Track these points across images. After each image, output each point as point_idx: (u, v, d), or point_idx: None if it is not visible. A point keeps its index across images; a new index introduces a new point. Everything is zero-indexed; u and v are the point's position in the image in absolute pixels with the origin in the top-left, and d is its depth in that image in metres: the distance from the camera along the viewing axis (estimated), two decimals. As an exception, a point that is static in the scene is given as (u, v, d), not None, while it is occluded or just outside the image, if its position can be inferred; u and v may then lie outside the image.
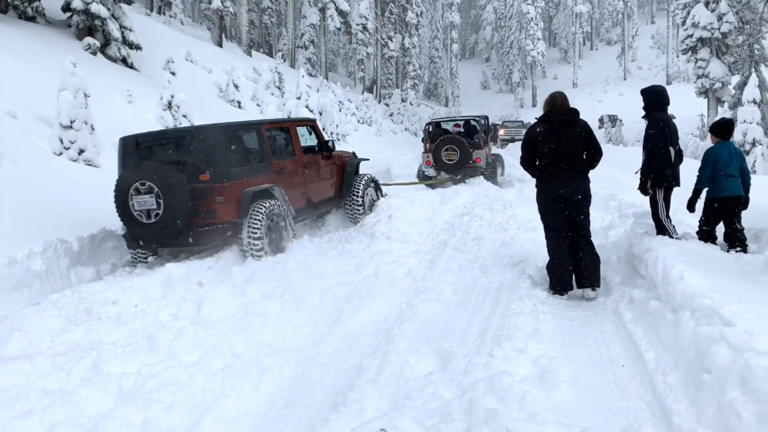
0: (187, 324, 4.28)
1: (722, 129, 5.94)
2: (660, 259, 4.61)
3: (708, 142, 7.59)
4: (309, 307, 4.92)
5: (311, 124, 8.74)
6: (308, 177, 8.09)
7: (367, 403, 3.12)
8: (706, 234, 5.85)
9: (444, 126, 15.11)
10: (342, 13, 39.60)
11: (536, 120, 5.43)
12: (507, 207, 9.40)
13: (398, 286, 5.50)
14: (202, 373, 3.55)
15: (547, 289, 5.24)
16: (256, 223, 6.57)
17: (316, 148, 8.63)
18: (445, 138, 13.33)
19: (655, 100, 5.52)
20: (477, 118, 14.80)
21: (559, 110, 5.14)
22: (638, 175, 5.62)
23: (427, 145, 14.05)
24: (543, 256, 6.42)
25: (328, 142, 8.72)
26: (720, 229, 5.99)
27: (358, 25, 40.55)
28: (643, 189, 5.58)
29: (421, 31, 58.06)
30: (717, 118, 12.30)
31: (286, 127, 8.00)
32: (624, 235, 6.35)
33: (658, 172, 5.39)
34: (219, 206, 6.41)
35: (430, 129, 14.51)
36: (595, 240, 6.72)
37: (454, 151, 12.95)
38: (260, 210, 6.67)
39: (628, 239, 5.93)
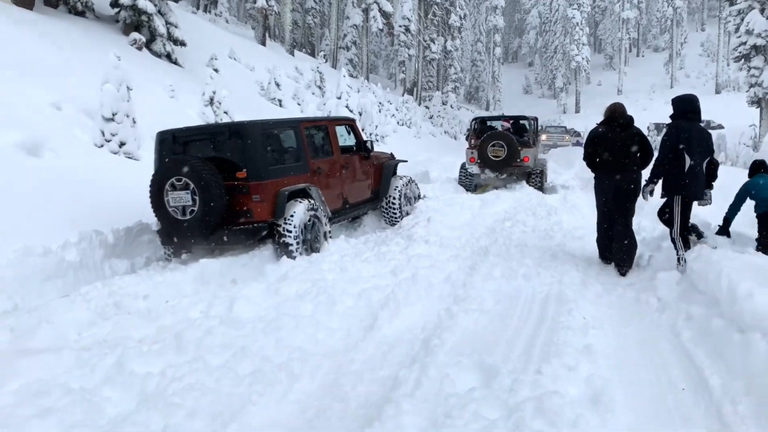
0: (217, 323, 4.10)
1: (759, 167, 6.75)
2: (724, 274, 4.23)
3: (759, 154, 7.58)
4: (343, 309, 4.70)
5: (350, 124, 8.54)
6: (345, 177, 7.88)
7: (403, 420, 2.87)
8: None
9: (490, 123, 14.38)
10: (385, 15, 39.52)
11: (598, 124, 6.31)
12: (551, 213, 9.04)
13: (436, 291, 5.24)
14: (229, 378, 3.34)
15: (598, 258, 6.39)
16: (292, 223, 6.39)
17: (354, 149, 8.42)
18: (492, 133, 12.61)
19: (679, 108, 5.56)
20: (527, 117, 14.08)
21: (619, 116, 6.07)
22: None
23: (472, 141, 13.32)
24: (592, 267, 6.12)
25: (366, 142, 8.50)
26: None
27: (400, 26, 40.37)
28: (643, 191, 5.79)
29: (463, 34, 57.60)
30: None
31: (325, 126, 7.81)
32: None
33: (666, 180, 5.52)
34: (255, 205, 6.24)
35: (476, 125, 13.85)
36: (647, 251, 6.42)
37: (502, 147, 12.17)
38: (296, 210, 6.49)
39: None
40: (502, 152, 12.16)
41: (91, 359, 3.63)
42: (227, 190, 6.16)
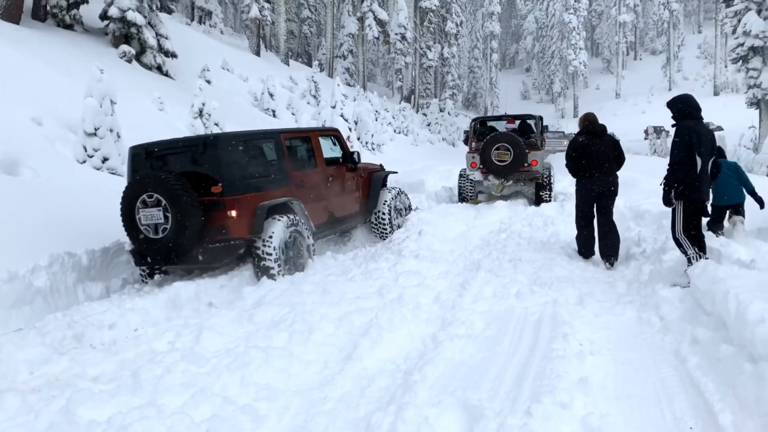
0: (178, 358, 3.75)
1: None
2: (731, 294, 3.88)
3: (760, 157, 7.88)
4: (321, 338, 4.35)
5: (335, 135, 8.20)
6: (331, 190, 7.54)
7: (372, 476, 2.54)
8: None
9: (491, 124, 12.95)
10: (381, 23, 39.32)
11: (576, 134, 6.97)
12: (548, 224, 8.69)
13: (423, 314, 4.89)
14: (184, 425, 2.99)
15: (576, 253, 6.84)
16: (271, 245, 6.05)
17: (341, 160, 8.09)
18: (496, 135, 11.23)
19: (683, 107, 5.37)
20: (533, 116, 12.52)
21: (594, 125, 6.75)
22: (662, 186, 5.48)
23: (473, 144, 11.86)
24: (589, 283, 5.78)
25: (353, 153, 8.16)
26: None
27: (396, 34, 40.16)
28: (665, 200, 5.42)
29: (460, 40, 57.46)
30: None
31: (308, 137, 7.49)
32: (681, 261, 5.61)
33: (680, 182, 5.25)
34: (231, 221, 5.89)
35: (476, 127, 12.44)
36: (648, 264, 6.09)
37: (507, 150, 10.76)
38: (276, 226, 6.16)
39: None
40: (508, 156, 10.78)
41: (37, 403, 3.29)
42: (203, 205, 5.83)
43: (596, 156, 6.62)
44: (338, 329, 4.55)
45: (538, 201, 11.11)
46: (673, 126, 5.49)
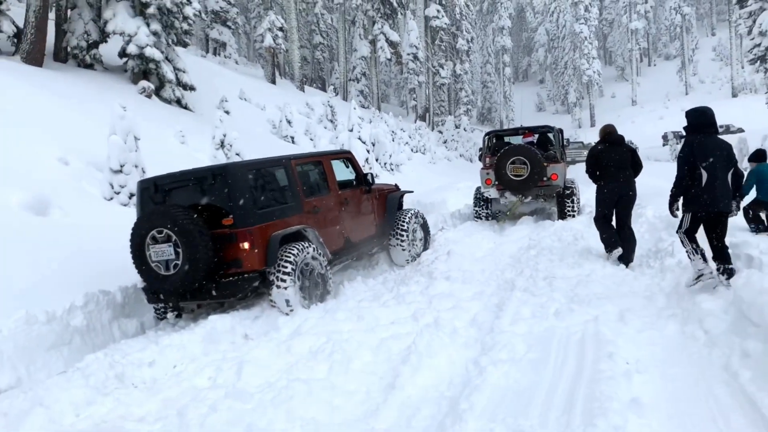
0: (223, 395, 3.74)
1: (761, 156, 8.27)
2: (781, 305, 3.80)
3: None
4: (360, 366, 4.32)
5: (347, 157, 8.06)
6: (345, 215, 7.38)
7: None
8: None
9: (507, 139, 12.35)
10: (392, 44, 39.65)
11: (596, 143, 7.66)
12: (578, 238, 8.57)
13: (461, 338, 4.83)
14: (234, 464, 2.99)
15: (611, 264, 7.06)
16: (286, 270, 5.91)
17: (354, 183, 7.95)
18: (510, 148, 10.58)
19: (693, 121, 5.50)
20: (552, 128, 11.74)
21: (612, 135, 7.39)
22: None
23: (487, 160, 11.23)
24: (627, 298, 5.67)
25: (366, 175, 8.00)
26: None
27: (408, 54, 40.42)
28: (670, 209, 5.69)
29: (472, 56, 57.68)
30: None
31: (320, 161, 7.33)
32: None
33: (684, 196, 5.50)
34: (244, 253, 5.78)
35: (491, 141, 11.83)
36: (685, 276, 5.95)
37: (524, 164, 10.15)
38: (290, 256, 6.02)
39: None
40: (524, 170, 10.16)
41: (86, 447, 3.31)
42: (214, 238, 5.73)
43: (614, 163, 7.24)
44: (377, 357, 4.51)
45: (562, 216, 10.66)
46: (682, 137, 5.64)
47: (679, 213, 5.67)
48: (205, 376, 4.34)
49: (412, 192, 10.15)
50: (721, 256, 5.45)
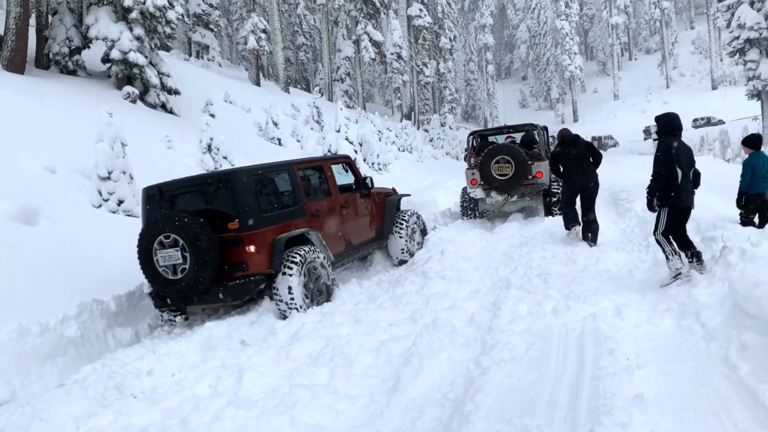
0: (225, 403, 3.71)
1: (756, 142, 8.05)
2: (778, 297, 3.84)
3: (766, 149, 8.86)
4: (362, 370, 4.31)
5: (347, 161, 8.21)
6: (346, 218, 7.54)
7: None
8: (748, 222, 7.76)
9: (492, 139, 12.27)
10: (376, 44, 39.64)
11: (555, 146, 8.89)
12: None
13: (461, 338, 4.84)
14: (242, 474, 2.97)
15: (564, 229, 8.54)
16: (291, 273, 6.00)
17: (354, 187, 8.10)
18: (494, 147, 10.59)
19: (665, 126, 5.94)
20: (535, 126, 11.69)
21: (567, 137, 8.55)
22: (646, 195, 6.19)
23: (472, 160, 11.18)
24: (623, 292, 5.69)
25: (365, 179, 8.15)
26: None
27: (392, 54, 40.44)
28: (649, 206, 6.02)
29: (455, 55, 57.89)
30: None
31: (320, 166, 7.49)
32: (714, 263, 5.55)
33: (662, 191, 5.84)
34: (250, 256, 5.86)
35: (475, 141, 11.70)
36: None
37: (508, 163, 10.13)
38: (295, 258, 6.11)
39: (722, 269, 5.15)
40: (509, 169, 10.15)
41: (89, 461, 3.26)
42: (220, 242, 5.81)
43: (574, 160, 8.36)
44: (377, 359, 4.51)
45: (548, 212, 10.58)
46: (655, 140, 5.88)
47: (657, 208, 5.98)
48: (206, 384, 4.30)
49: (409, 195, 10.22)
50: (686, 244, 5.93)
